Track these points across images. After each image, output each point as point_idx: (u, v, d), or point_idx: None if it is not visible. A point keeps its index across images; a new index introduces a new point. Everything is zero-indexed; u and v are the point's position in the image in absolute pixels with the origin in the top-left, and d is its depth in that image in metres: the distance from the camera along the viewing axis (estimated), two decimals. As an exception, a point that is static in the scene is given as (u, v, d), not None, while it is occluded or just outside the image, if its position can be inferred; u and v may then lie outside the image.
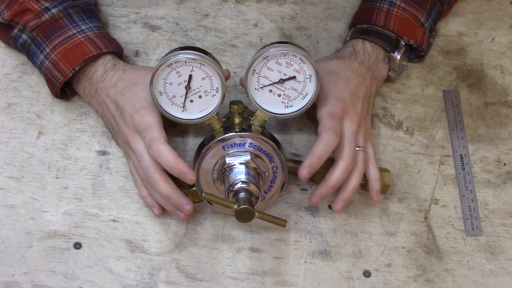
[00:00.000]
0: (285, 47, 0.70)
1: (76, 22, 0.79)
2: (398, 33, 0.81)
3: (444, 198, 0.84)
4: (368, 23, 0.82)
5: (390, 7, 0.82)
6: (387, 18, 0.81)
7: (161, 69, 0.70)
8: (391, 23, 0.81)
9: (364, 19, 0.83)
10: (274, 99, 0.73)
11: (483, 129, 0.87)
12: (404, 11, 0.82)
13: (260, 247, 0.81)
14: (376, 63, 0.82)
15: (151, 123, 0.73)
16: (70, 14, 0.79)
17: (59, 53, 0.77)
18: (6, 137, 0.83)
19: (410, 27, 0.82)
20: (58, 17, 0.78)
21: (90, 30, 0.79)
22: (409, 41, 0.82)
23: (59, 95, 0.81)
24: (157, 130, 0.73)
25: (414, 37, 0.82)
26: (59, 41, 0.77)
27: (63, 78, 0.77)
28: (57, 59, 0.77)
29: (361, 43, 0.82)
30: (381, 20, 0.81)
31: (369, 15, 0.82)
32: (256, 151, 0.74)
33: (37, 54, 0.79)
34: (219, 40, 0.88)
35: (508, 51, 0.90)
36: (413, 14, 0.82)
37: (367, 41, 0.82)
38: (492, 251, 0.82)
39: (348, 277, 0.80)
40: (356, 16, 0.86)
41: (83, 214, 0.81)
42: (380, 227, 0.82)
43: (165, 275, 0.79)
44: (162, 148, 0.71)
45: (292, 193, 0.83)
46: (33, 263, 0.79)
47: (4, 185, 0.81)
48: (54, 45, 0.77)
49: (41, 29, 0.78)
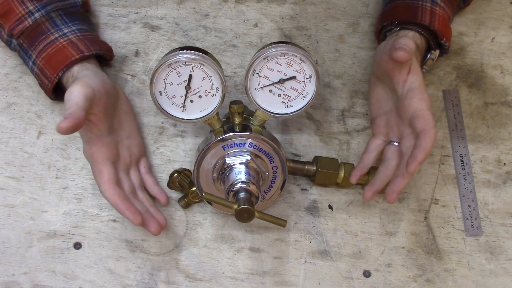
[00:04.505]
0: (285, 47, 0.70)
1: (58, 26, 0.78)
2: (441, 34, 0.79)
3: (444, 198, 0.84)
4: (413, 21, 0.79)
5: (433, 6, 0.79)
6: (432, 18, 0.78)
7: (161, 69, 0.70)
8: (436, 22, 0.78)
9: (408, 17, 0.79)
10: (274, 99, 0.73)
11: (483, 129, 0.87)
12: (444, 11, 0.80)
13: (260, 247, 0.81)
14: (420, 56, 0.80)
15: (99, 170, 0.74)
16: (52, 18, 0.78)
17: (44, 59, 0.76)
18: (6, 137, 0.83)
19: (448, 28, 0.80)
20: (41, 22, 0.77)
21: (73, 33, 0.78)
22: (446, 42, 0.80)
23: (55, 97, 0.81)
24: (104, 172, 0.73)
25: (449, 39, 0.80)
26: (42, 46, 0.77)
27: (50, 84, 0.77)
28: (42, 65, 0.77)
29: (419, 38, 0.79)
30: (426, 19, 0.78)
31: (413, 13, 0.79)
32: (256, 151, 0.74)
33: (26, 60, 0.79)
34: (219, 40, 0.88)
35: (508, 51, 0.90)
36: (448, 15, 0.81)
37: (423, 37, 0.79)
38: (492, 251, 0.82)
39: (348, 277, 0.80)
40: (396, 14, 0.81)
41: (83, 214, 0.81)
42: (380, 227, 0.82)
43: (165, 275, 0.79)
44: (108, 194, 0.73)
45: (292, 193, 0.83)
46: (33, 263, 0.79)
47: (4, 185, 0.81)
48: (39, 51, 0.77)
49: (26, 35, 0.77)
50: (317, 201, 0.83)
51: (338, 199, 0.83)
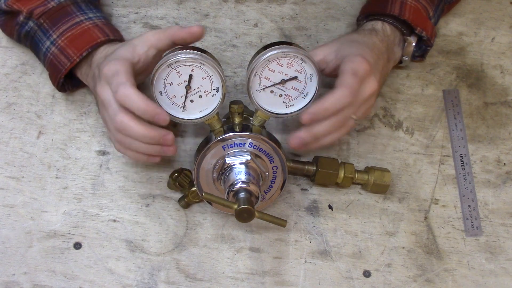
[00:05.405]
0: (286, 48, 0.70)
1: (83, 10, 0.79)
2: (412, 23, 0.80)
3: (444, 198, 0.84)
4: (382, 13, 0.81)
5: None
6: (402, 8, 0.80)
7: (161, 69, 0.70)
8: (406, 12, 0.80)
9: (378, 8, 0.82)
10: (275, 100, 0.73)
11: (483, 129, 0.87)
12: (417, 2, 0.81)
13: (260, 247, 0.81)
14: (393, 46, 0.82)
15: (118, 70, 0.69)
16: (77, 2, 0.80)
17: (67, 39, 0.77)
18: (6, 137, 0.83)
19: (422, 18, 0.81)
20: (66, 4, 0.79)
21: (98, 19, 0.80)
22: (422, 32, 0.81)
23: (61, 86, 0.81)
24: (124, 75, 0.68)
25: (425, 29, 0.81)
26: (66, 27, 0.78)
27: (70, 63, 0.77)
28: (64, 45, 0.77)
29: (380, 24, 0.81)
30: (395, 9, 0.80)
31: (383, 5, 0.81)
32: (256, 151, 0.74)
33: (43, 41, 0.79)
34: (219, 40, 0.88)
35: (508, 51, 0.90)
36: (424, 7, 0.82)
37: (386, 23, 0.81)
38: (492, 251, 0.82)
39: (348, 277, 0.80)
40: (368, 7, 0.84)
41: (83, 214, 0.81)
42: (380, 227, 0.82)
43: (165, 275, 0.79)
44: (129, 92, 0.67)
45: (292, 193, 0.83)
46: (33, 263, 0.79)
47: (4, 185, 0.81)
48: (62, 31, 0.78)
49: (48, 15, 0.78)
50: (317, 201, 0.83)
51: (338, 199, 0.83)
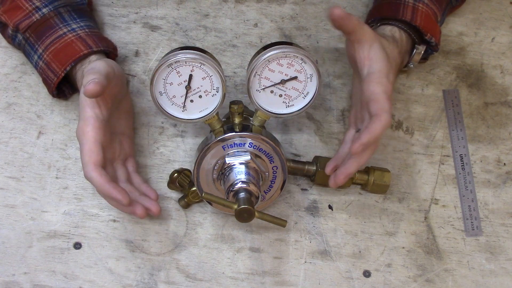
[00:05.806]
0: (286, 48, 0.70)
1: (67, 21, 0.78)
2: (423, 29, 0.79)
3: (444, 198, 0.84)
4: (394, 18, 0.80)
5: (415, 2, 0.80)
6: (414, 14, 0.79)
7: (161, 69, 0.70)
8: (418, 18, 0.79)
9: (391, 13, 0.81)
10: (275, 100, 0.73)
11: (483, 129, 0.87)
12: (428, 8, 0.81)
13: (260, 247, 0.81)
14: (405, 54, 0.81)
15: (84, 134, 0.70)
16: (61, 13, 0.78)
17: (51, 53, 0.77)
18: (6, 137, 0.83)
19: (432, 24, 0.81)
20: (49, 16, 0.78)
21: (81, 29, 0.78)
22: (431, 39, 0.80)
23: (56, 94, 0.81)
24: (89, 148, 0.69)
25: (435, 35, 0.81)
26: (50, 40, 0.77)
27: (56, 78, 0.77)
28: (49, 59, 0.77)
29: (398, 32, 0.80)
30: (407, 15, 0.79)
31: (395, 10, 0.80)
32: (256, 151, 0.74)
33: (31, 55, 0.79)
34: (219, 40, 0.88)
35: (508, 51, 0.90)
36: (434, 12, 0.81)
37: (402, 31, 0.80)
38: (492, 251, 0.82)
39: (348, 277, 0.80)
40: (380, 10, 0.83)
41: (83, 214, 0.81)
42: (380, 227, 0.82)
43: (165, 275, 0.79)
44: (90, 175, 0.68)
45: (292, 193, 0.83)
46: (33, 263, 0.79)
47: (4, 185, 0.81)
48: (46, 45, 0.77)
49: (33, 29, 0.78)
50: (317, 201, 0.83)
51: (338, 199, 0.83)
